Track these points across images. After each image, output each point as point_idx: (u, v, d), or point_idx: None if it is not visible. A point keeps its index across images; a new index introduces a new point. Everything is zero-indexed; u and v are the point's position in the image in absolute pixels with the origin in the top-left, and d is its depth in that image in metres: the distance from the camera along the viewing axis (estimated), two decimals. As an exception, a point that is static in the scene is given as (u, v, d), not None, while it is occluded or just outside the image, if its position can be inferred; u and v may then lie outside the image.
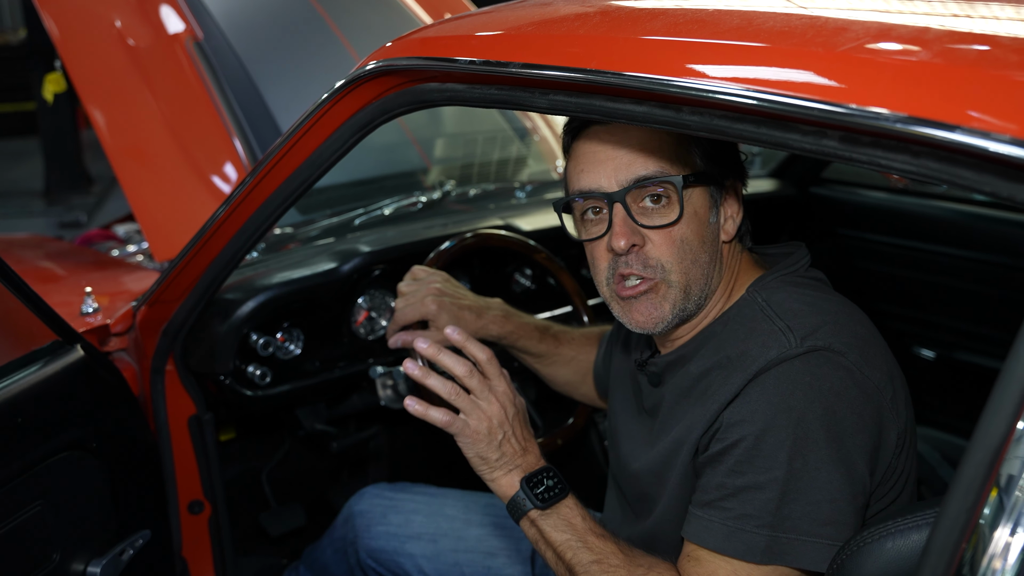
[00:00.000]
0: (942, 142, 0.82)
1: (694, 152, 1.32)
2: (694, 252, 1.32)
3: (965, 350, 2.81)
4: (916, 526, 1.01)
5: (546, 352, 1.85)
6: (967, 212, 2.81)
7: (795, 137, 0.96)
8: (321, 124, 1.55)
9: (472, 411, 1.36)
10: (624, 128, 1.31)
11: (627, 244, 1.30)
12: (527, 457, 1.38)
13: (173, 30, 2.85)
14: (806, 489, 1.18)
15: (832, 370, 1.21)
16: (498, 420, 1.36)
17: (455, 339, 1.42)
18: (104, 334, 1.94)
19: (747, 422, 1.22)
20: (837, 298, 1.36)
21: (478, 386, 1.37)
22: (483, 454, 1.36)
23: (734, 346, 1.30)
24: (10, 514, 1.52)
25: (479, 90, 1.34)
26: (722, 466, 1.24)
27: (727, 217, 1.37)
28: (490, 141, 3.01)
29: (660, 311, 1.34)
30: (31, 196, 7.94)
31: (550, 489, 1.34)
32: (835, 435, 1.19)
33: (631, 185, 1.30)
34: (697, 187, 1.32)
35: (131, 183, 2.57)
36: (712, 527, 1.23)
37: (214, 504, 2.09)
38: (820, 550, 1.18)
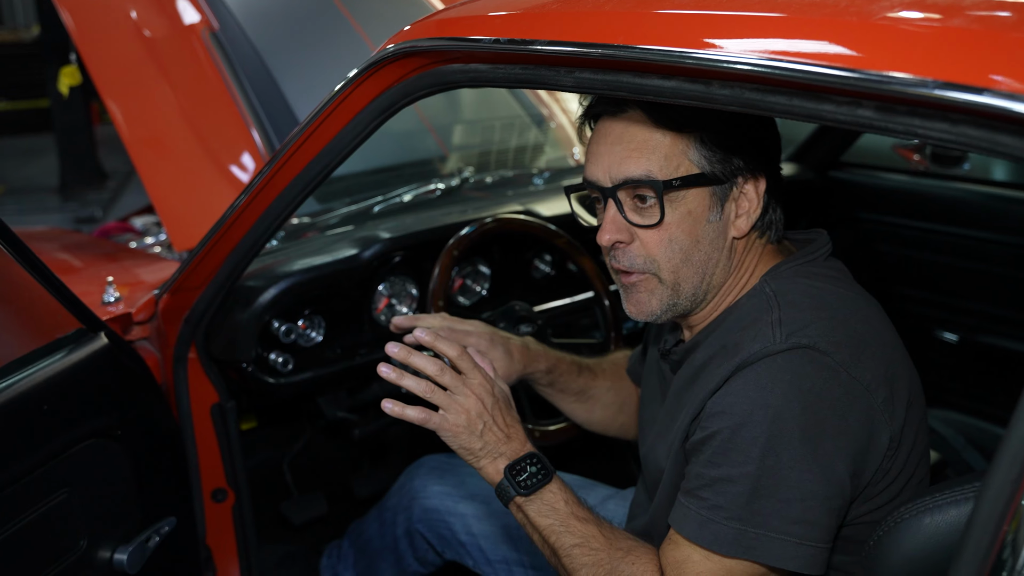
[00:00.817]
0: (982, 108, 0.80)
1: (691, 153, 1.30)
2: (685, 251, 1.33)
3: (988, 333, 2.79)
4: (954, 501, 1.00)
5: (584, 387, 1.81)
6: (989, 194, 2.79)
7: (829, 108, 0.95)
8: (342, 108, 1.54)
9: (449, 406, 1.37)
10: (626, 123, 1.32)
11: (610, 240, 1.34)
12: (511, 444, 1.39)
13: (189, 21, 2.84)
14: (777, 486, 1.19)
15: (815, 370, 1.20)
16: (476, 411, 1.37)
17: (424, 339, 1.44)
18: (126, 323, 1.95)
19: (726, 414, 1.23)
20: (848, 292, 1.34)
21: (452, 382, 1.38)
22: (466, 445, 1.38)
23: (733, 335, 1.30)
24: (37, 501, 1.52)
25: (503, 70, 1.33)
26: (701, 456, 1.26)
27: (740, 213, 1.35)
28: (507, 128, 3.00)
29: (648, 305, 1.37)
30: (46, 192, 7.96)
31: (533, 476, 1.36)
32: (811, 435, 1.19)
33: (620, 184, 1.32)
34: (692, 189, 1.31)
35: (149, 173, 2.57)
36: (688, 515, 1.26)
37: (237, 492, 2.09)
38: (787, 547, 1.19)
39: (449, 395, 1.38)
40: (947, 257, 2.84)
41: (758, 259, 1.40)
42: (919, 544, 1.01)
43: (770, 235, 1.40)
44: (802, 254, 1.38)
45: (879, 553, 1.05)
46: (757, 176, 1.35)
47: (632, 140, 1.31)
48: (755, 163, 1.34)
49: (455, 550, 1.94)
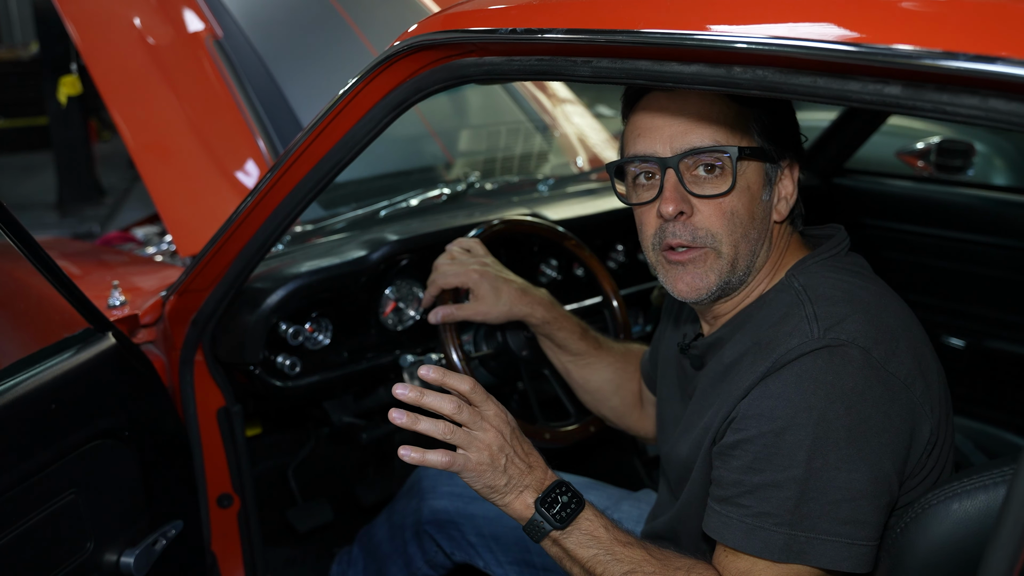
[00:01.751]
0: (1014, 79, 0.79)
1: (752, 127, 1.32)
2: (744, 226, 1.32)
3: (995, 338, 2.78)
4: (983, 486, 0.98)
5: (584, 352, 1.82)
6: (993, 198, 2.79)
7: (855, 88, 0.94)
8: (354, 104, 1.54)
9: (470, 444, 1.28)
10: (684, 96, 1.31)
11: (675, 210, 1.30)
12: (534, 473, 1.32)
13: (193, 29, 2.84)
14: (825, 488, 1.17)
15: (856, 368, 1.19)
16: (498, 445, 1.29)
17: (431, 377, 1.32)
18: (133, 325, 1.93)
19: (766, 417, 1.20)
20: (875, 286, 1.33)
21: (469, 418, 1.29)
22: (490, 483, 1.29)
23: (764, 331, 1.29)
24: (45, 501, 1.50)
25: (518, 62, 1.32)
26: (737, 461, 1.23)
27: (781, 197, 1.36)
28: (511, 135, 3.00)
29: (705, 280, 1.33)
30: (44, 208, 7.96)
31: (566, 506, 1.28)
32: (857, 435, 1.17)
33: (685, 153, 1.29)
34: (752, 162, 1.32)
35: (154, 180, 2.56)
36: (731, 523, 1.23)
37: (243, 498, 2.07)
38: (839, 549, 1.17)
39: (467, 433, 1.28)
40: (952, 262, 2.84)
41: (787, 249, 1.40)
42: (948, 530, 1.00)
43: (796, 225, 1.42)
44: (825, 248, 1.38)
45: (906, 541, 1.04)
46: (794, 163, 1.37)
47: (697, 109, 1.30)
48: (796, 148, 1.37)
49: (465, 552, 1.92)
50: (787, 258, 1.39)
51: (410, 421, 1.27)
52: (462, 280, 1.77)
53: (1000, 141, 3.98)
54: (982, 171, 3.86)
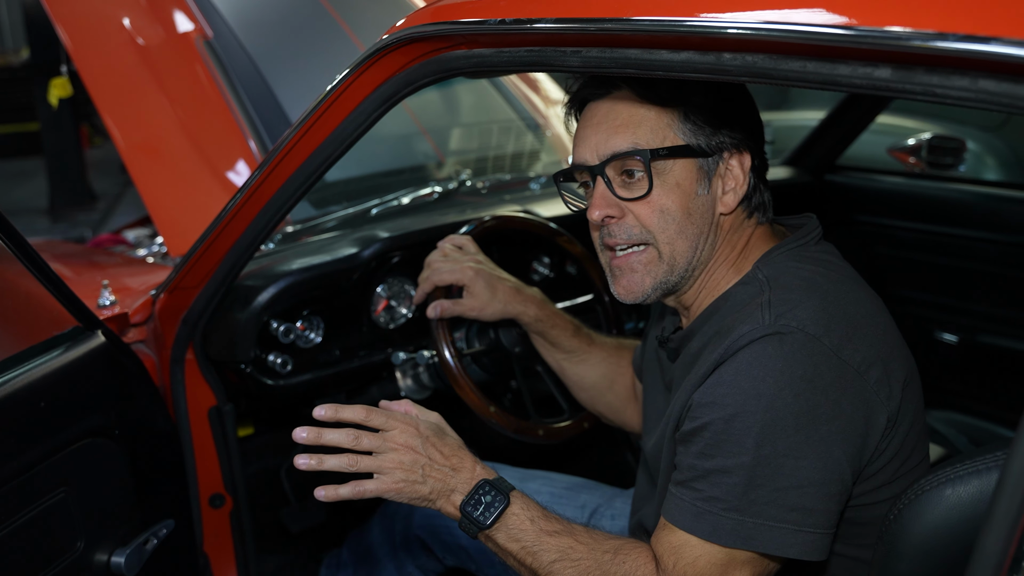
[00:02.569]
0: (1003, 59, 0.79)
1: (675, 127, 1.32)
2: (678, 223, 1.33)
3: (988, 333, 2.78)
4: (976, 471, 0.98)
5: (577, 349, 1.82)
6: (985, 194, 2.79)
7: (845, 73, 0.94)
8: (344, 98, 1.53)
9: (380, 467, 1.30)
10: (611, 104, 1.35)
11: (600, 215, 1.34)
12: (460, 475, 1.34)
13: (183, 29, 2.84)
14: (773, 476, 1.18)
15: (806, 355, 1.19)
16: (409, 461, 1.31)
17: (325, 416, 1.35)
18: (123, 324, 1.92)
19: (717, 404, 1.22)
20: (838, 274, 1.34)
21: (372, 443, 1.31)
22: (414, 495, 1.32)
23: (725, 321, 1.31)
24: (35, 499, 1.49)
25: (507, 53, 1.32)
26: (693, 447, 1.25)
27: (726, 190, 1.36)
28: (502, 133, 3.00)
29: (641, 284, 1.37)
30: (35, 214, 7.94)
31: (489, 506, 1.31)
32: (805, 422, 1.18)
33: (608, 159, 1.33)
34: (677, 160, 1.32)
35: (145, 181, 2.55)
36: (683, 506, 1.25)
37: (235, 498, 2.06)
38: (786, 535, 1.18)
39: (375, 458, 1.31)
40: (945, 258, 2.84)
41: (748, 240, 1.39)
42: (941, 516, 0.99)
43: (759, 216, 1.41)
44: (794, 238, 1.38)
45: (900, 527, 1.03)
46: (742, 152, 1.36)
47: (618, 117, 1.33)
48: (739, 139, 1.36)
49: (456, 555, 1.91)
50: (753, 250, 1.39)
51: (316, 463, 1.30)
52: (457, 277, 1.77)
53: (991, 139, 4.00)
54: (973, 170, 3.87)
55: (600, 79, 1.35)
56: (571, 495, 1.88)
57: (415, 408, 1.42)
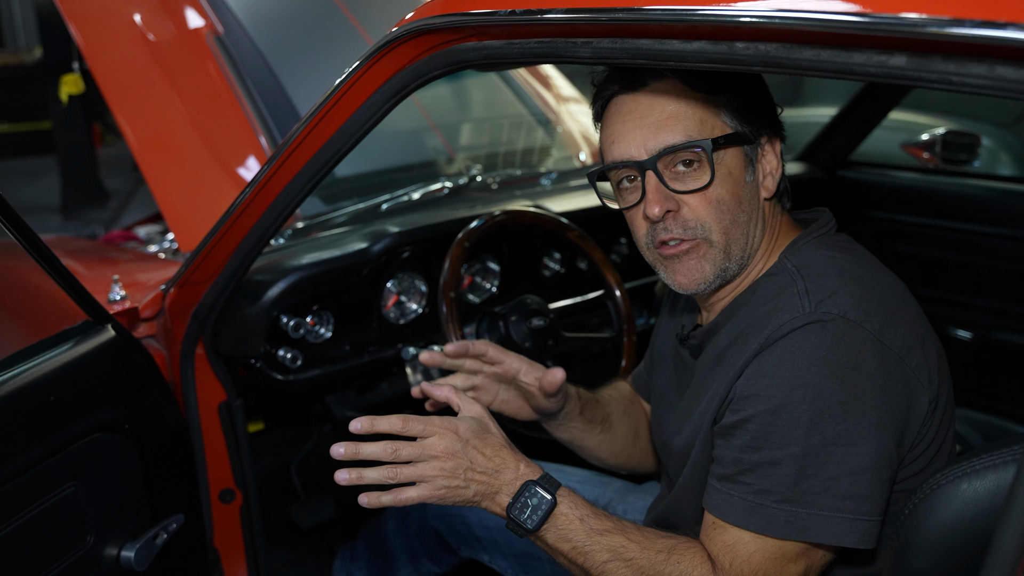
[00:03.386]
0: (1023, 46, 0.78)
1: (722, 115, 1.32)
2: (732, 212, 1.32)
3: (1003, 329, 2.76)
4: (993, 465, 0.97)
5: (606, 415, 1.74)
6: (1000, 189, 2.77)
7: (859, 61, 0.93)
8: (354, 91, 1.52)
9: (422, 475, 1.26)
10: (650, 95, 1.32)
11: (661, 211, 1.31)
12: (504, 475, 1.29)
13: (194, 25, 2.84)
14: (824, 464, 1.17)
15: (849, 341, 1.18)
16: (451, 467, 1.26)
17: (358, 428, 1.29)
18: (133, 318, 1.92)
19: (762, 396, 1.20)
20: (866, 261, 1.33)
21: (410, 453, 1.26)
22: (459, 498, 1.28)
23: (759, 311, 1.29)
24: (44, 494, 1.49)
25: (518, 45, 1.30)
26: (737, 440, 1.23)
27: (766, 174, 1.37)
28: (513, 129, 2.99)
29: (701, 272, 1.34)
30: (48, 212, 7.97)
31: (536, 509, 1.26)
32: (853, 409, 1.17)
33: (660, 153, 1.30)
34: (729, 148, 1.32)
35: (156, 177, 2.55)
36: (732, 501, 1.23)
37: (245, 493, 2.06)
38: (841, 524, 1.17)
39: (416, 466, 1.26)
40: (959, 254, 2.82)
41: (780, 228, 1.40)
42: (956, 510, 0.98)
43: (784, 203, 1.42)
44: (814, 228, 1.38)
45: (915, 521, 1.02)
46: (773, 137, 1.37)
47: (663, 110, 1.31)
48: (773, 123, 1.37)
49: (471, 546, 1.91)
50: (780, 239, 1.39)
51: (356, 477, 1.27)
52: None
53: (1005, 134, 3.97)
54: (988, 165, 3.84)
55: (633, 71, 1.32)
56: (584, 489, 1.87)
57: (457, 397, 1.39)
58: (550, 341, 1.99)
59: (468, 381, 1.66)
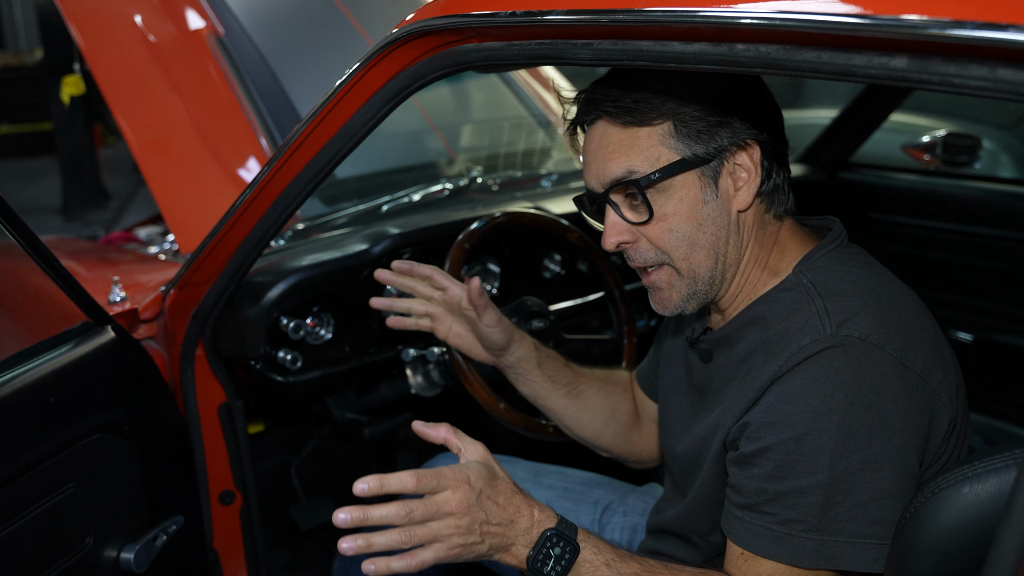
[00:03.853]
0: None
1: (671, 142, 1.28)
2: (689, 238, 1.30)
3: (1003, 331, 2.76)
4: (995, 469, 0.96)
5: (573, 380, 1.73)
6: (1000, 191, 2.76)
7: (860, 63, 0.92)
8: (354, 93, 1.52)
9: (436, 536, 1.17)
10: (603, 129, 1.32)
11: (614, 244, 1.33)
12: (519, 524, 1.22)
13: (194, 26, 2.84)
14: (851, 491, 1.15)
15: (873, 365, 1.16)
16: (466, 524, 1.18)
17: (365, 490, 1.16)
18: (133, 320, 1.92)
19: (785, 424, 1.18)
20: (884, 278, 1.30)
21: (424, 512, 1.16)
22: (474, 554, 1.20)
23: (775, 328, 1.27)
24: (44, 495, 1.49)
25: (518, 47, 1.30)
26: (758, 469, 1.21)
27: (738, 187, 1.31)
28: (513, 131, 2.99)
29: (671, 300, 1.36)
30: (49, 213, 7.98)
31: (559, 559, 1.21)
32: (879, 433, 1.15)
33: (609, 187, 1.31)
34: (677, 176, 1.28)
35: (156, 178, 2.56)
36: (756, 531, 1.21)
37: (245, 495, 2.06)
38: (871, 550, 1.16)
39: (428, 526, 1.17)
40: (960, 256, 2.81)
41: (777, 236, 1.36)
42: (958, 514, 0.98)
43: (778, 207, 1.35)
44: (829, 240, 1.34)
45: (916, 525, 1.02)
46: (748, 146, 1.30)
47: (609, 142, 1.31)
48: (743, 134, 1.29)
49: None
50: (789, 249, 1.35)
51: (364, 544, 1.15)
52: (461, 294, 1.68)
53: (1007, 137, 3.97)
54: (989, 167, 3.84)
55: (587, 105, 1.33)
56: (584, 491, 1.87)
57: (457, 438, 1.29)
58: (550, 343, 1.99)
59: (424, 306, 1.71)
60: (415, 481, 1.17)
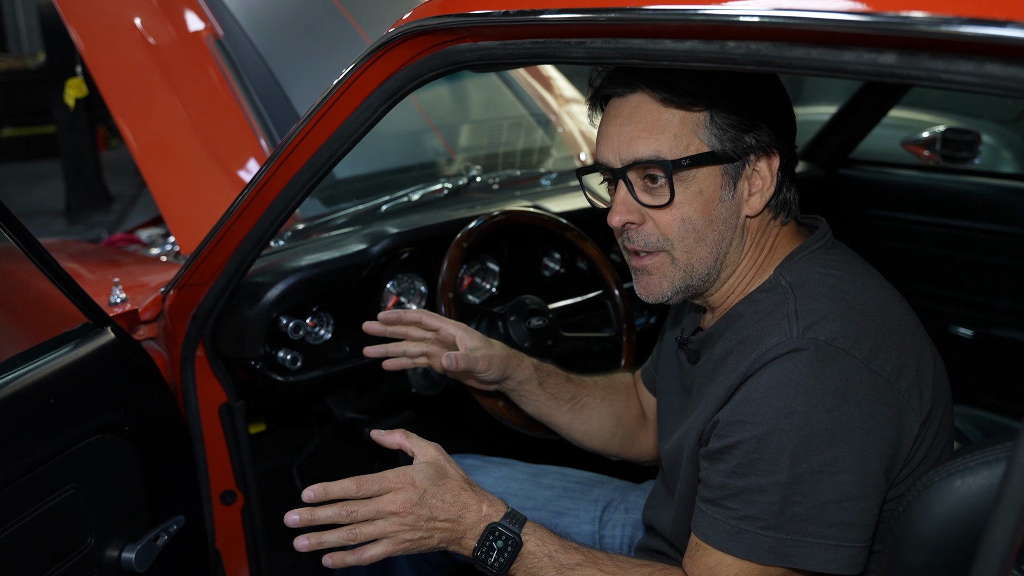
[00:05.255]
0: (1009, 42, 0.78)
1: (701, 132, 1.28)
2: (699, 231, 1.30)
3: (1003, 327, 2.76)
4: (986, 462, 0.97)
5: (576, 394, 1.73)
6: (1000, 186, 2.76)
7: (849, 59, 0.93)
8: (350, 93, 1.53)
9: (383, 532, 1.26)
10: (635, 105, 1.31)
11: (620, 221, 1.32)
12: (465, 521, 1.29)
13: (194, 28, 2.85)
14: (809, 492, 1.17)
15: (837, 370, 1.17)
16: (411, 519, 1.26)
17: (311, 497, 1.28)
18: (133, 321, 1.93)
19: (748, 423, 1.20)
20: (863, 279, 1.31)
21: (366, 512, 1.26)
22: (424, 547, 1.29)
23: (750, 328, 1.28)
24: (45, 495, 1.50)
25: (512, 46, 1.31)
26: (723, 465, 1.23)
27: (752, 192, 1.32)
28: (512, 130, 2.99)
29: (659, 287, 1.35)
30: (52, 216, 7.99)
31: (501, 551, 1.27)
32: (840, 437, 1.16)
33: (629, 165, 1.30)
34: (703, 168, 1.29)
35: (157, 180, 2.56)
36: (717, 525, 1.23)
37: (247, 495, 2.06)
38: (826, 551, 1.17)
39: (375, 524, 1.26)
40: (960, 252, 2.81)
41: (775, 240, 1.37)
42: (950, 507, 0.98)
43: (784, 216, 1.37)
44: (813, 239, 1.35)
45: (909, 519, 1.02)
46: (770, 154, 1.32)
47: (641, 120, 1.29)
48: (768, 141, 1.31)
49: None
50: (777, 250, 1.36)
51: (315, 543, 1.26)
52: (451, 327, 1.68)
53: (1007, 132, 3.96)
54: (989, 163, 3.83)
55: (624, 75, 1.31)
56: (584, 489, 1.87)
57: (409, 441, 1.36)
58: (549, 341, 2.00)
59: (419, 347, 1.69)
60: (356, 487, 1.27)
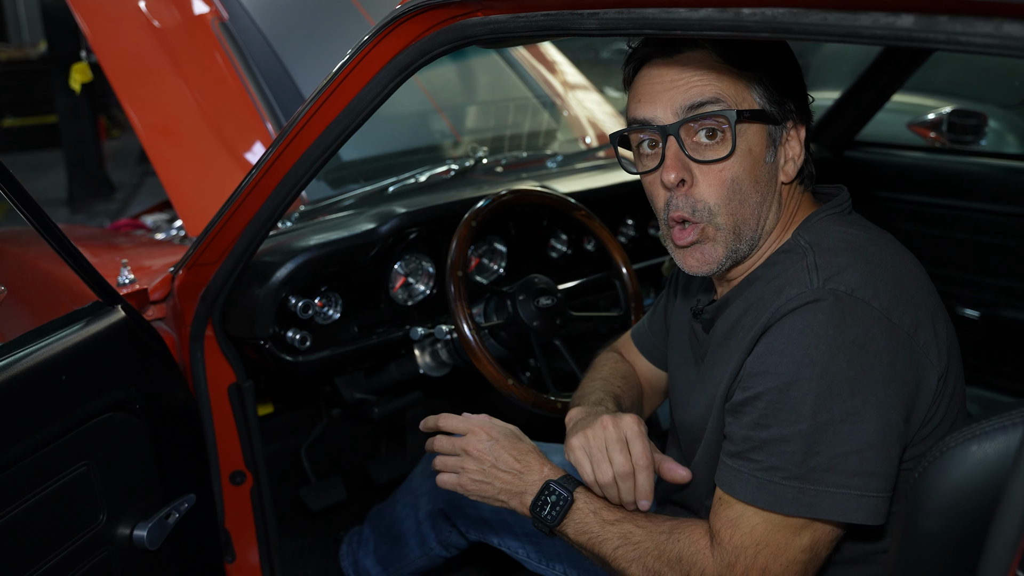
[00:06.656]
0: (1031, 2, 0.78)
1: (752, 92, 1.31)
2: (743, 192, 1.31)
3: (1010, 308, 2.76)
4: (1003, 427, 0.97)
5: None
6: (1007, 167, 2.75)
7: (866, 23, 0.92)
8: (360, 69, 1.52)
9: (456, 468, 1.48)
10: (682, 64, 1.30)
11: (677, 177, 1.30)
12: (527, 477, 1.43)
13: (199, 11, 2.84)
14: (831, 441, 1.17)
15: (857, 319, 1.18)
16: (476, 467, 1.46)
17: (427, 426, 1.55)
18: (143, 301, 1.93)
19: (770, 374, 1.21)
20: (880, 237, 1.33)
21: (442, 446, 1.51)
22: (483, 493, 1.46)
23: (769, 285, 1.29)
24: (57, 472, 1.50)
25: (523, 19, 1.30)
26: (747, 417, 1.24)
27: (787, 159, 1.35)
28: (518, 112, 2.99)
29: (714, 254, 1.34)
30: (55, 205, 7.98)
31: (554, 506, 1.39)
32: (861, 386, 1.17)
33: (685, 114, 1.29)
34: (753, 124, 1.30)
35: (163, 163, 2.56)
36: (742, 477, 1.24)
37: (256, 475, 2.07)
38: (849, 500, 1.18)
39: (456, 458, 1.48)
40: (966, 233, 2.81)
41: (798, 208, 1.39)
42: (967, 472, 0.98)
43: (807, 185, 1.41)
44: (830, 204, 1.38)
45: (925, 484, 1.02)
46: (799, 124, 1.36)
47: (701, 71, 1.29)
48: (801, 109, 1.35)
49: (479, 529, 1.91)
50: (796, 217, 1.39)
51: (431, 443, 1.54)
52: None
53: (1012, 116, 3.95)
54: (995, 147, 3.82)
55: (670, 40, 1.31)
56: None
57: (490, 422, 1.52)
58: (558, 320, 2.00)
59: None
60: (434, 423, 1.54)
